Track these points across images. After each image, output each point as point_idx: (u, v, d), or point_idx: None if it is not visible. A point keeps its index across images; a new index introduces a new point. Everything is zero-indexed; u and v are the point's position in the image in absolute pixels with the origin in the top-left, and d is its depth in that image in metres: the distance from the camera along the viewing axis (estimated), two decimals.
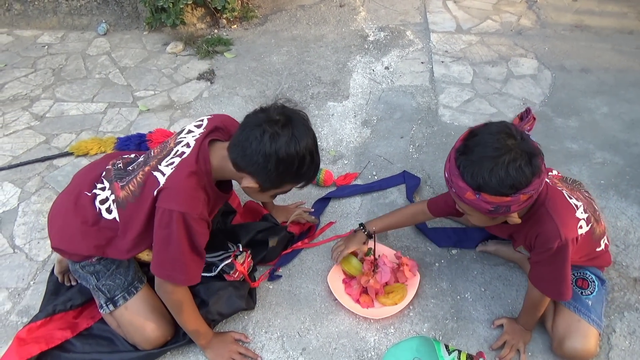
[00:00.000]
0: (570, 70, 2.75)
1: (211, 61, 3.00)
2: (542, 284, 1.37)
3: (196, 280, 1.36)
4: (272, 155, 1.21)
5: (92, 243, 1.42)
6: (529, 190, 1.11)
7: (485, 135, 1.15)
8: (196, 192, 1.29)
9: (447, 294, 1.67)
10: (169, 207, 1.26)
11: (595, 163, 2.14)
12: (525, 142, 1.13)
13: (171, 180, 1.30)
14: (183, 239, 1.27)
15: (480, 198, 1.13)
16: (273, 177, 1.26)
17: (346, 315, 1.62)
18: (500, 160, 1.09)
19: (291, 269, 1.78)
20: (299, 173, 1.28)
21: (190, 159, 1.32)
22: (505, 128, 1.15)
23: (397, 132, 2.37)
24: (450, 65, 2.83)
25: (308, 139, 1.25)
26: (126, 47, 3.16)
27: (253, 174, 1.27)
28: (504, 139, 1.11)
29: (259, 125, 1.21)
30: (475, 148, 1.13)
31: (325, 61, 2.93)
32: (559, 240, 1.24)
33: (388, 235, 1.88)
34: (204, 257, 1.37)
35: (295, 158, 1.22)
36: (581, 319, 1.41)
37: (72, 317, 1.62)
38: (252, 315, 1.63)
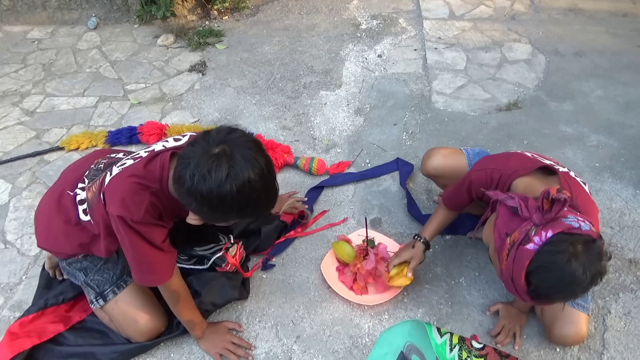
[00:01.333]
0: (565, 54, 2.73)
1: (202, 53, 2.97)
2: None
3: (168, 275, 1.32)
4: (205, 199, 1.07)
5: (75, 242, 1.41)
6: None
7: (558, 278, 1.04)
8: (136, 195, 1.21)
9: (441, 279, 1.66)
10: (111, 210, 1.22)
11: (590, 146, 2.13)
12: (589, 259, 1.03)
13: (112, 182, 1.26)
14: (135, 240, 1.22)
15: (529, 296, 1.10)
16: (212, 217, 1.19)
17: (340, 302, 1.61)
18: (571, 293, 1.07)
19: (284, 258, 1.76)
20: (242, 213, 1.15)
21: (139, 164, 1.26)
22: (568, 253, 1.03)
23: (390, 119, 2.36)
24: (444, 51, 2.81)
25: (251, 174, 1.07)
26: (117, 40, 3.13)
27: (193, 211, 1.19)
28: (577, 273, 1.02)
29: (193, 160, 1.07)
30: (550, 290, 1.06)
31: (318, 50, 2.91)
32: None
33: (382, 222, 1.86)
34: (170, 250, 1.32)
35: (232, 201, 1.08)
36: (565, 306, 1.38)
37: (65, 310, 1.61)
38: (246, 305, 1.62)
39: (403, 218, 1.87)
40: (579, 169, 2.00)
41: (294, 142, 2.26)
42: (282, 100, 2.53)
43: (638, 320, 1.50)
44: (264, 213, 1.22)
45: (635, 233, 1.75)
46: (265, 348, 1.50)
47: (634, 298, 1.56)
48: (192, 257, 1.67)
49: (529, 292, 1.08)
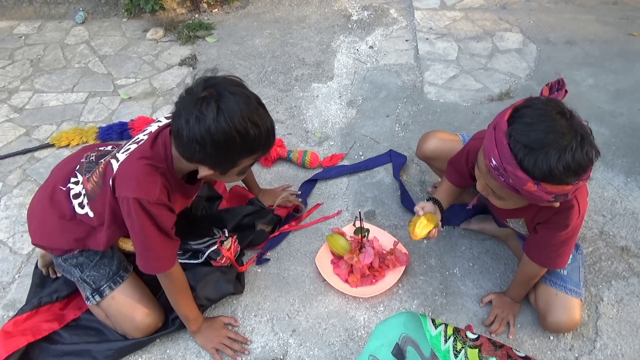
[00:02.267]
0: (555, 43, 2.73)
1: (193, 46, 2.94)
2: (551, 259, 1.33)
3: (172, 262, 1.33)
4: (205, 139, 1.09)
5: (71, 237, 1.40)
6: (587, 176, 1.03)
7: (536, 115, 1.01)
8: (149, 176, 1.23)
9: (435, 270, 1.67)
10: (124, 194, 1.22)
11: None
12: (575, 120, 1.01)
13: (122, 167, 1.26)
14: (146, 224, 1.23)
15: (541, 188, 1.02)
16: (220, 158, 1.17)
17: (335, 295, 1.62)
18: (567, 147, 0.97)
19: (279, 252, 1.76)
20: (247, 145, 1.15)
21: (145, 145, 1.28)
22: (555, 106, 1.02)
23: (383, 111, 2.35)
24: (435, 42, 2.80)
25: (241, 105, 1.10)
26: (105, 35, 3.10)
27: (201, 161, 1.19)
28: (559, 120, 0.99)
29: (184, 109, 1.10)
30: (532, 133, 0.99)
31: (309, 42, 2.89)
32: (578, 215, 1.22)
33: (376, 214, 1.87)
34: (175, 238, 1.34)
35: (232, 133, 1.09)
36: (558, 292, 1.40)
37: (59, 308, 1.60)
38: (241, 299, 1.62)
39: (397, 210, 1.87)
40: None
41: (287, 135, 2.25)
42: (274, 94, 2.52)
43: (630, 307, 1.52)
44: (269, 144, 1.21)
45: (627, 221, 1.77)
46: (261, 342, 1.50)
47: (626, 285, 1.58)
48: (187, 251, 1.66)
49: (515, 153, 1.01)
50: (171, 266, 1.33)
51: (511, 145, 1.02)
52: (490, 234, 1.75)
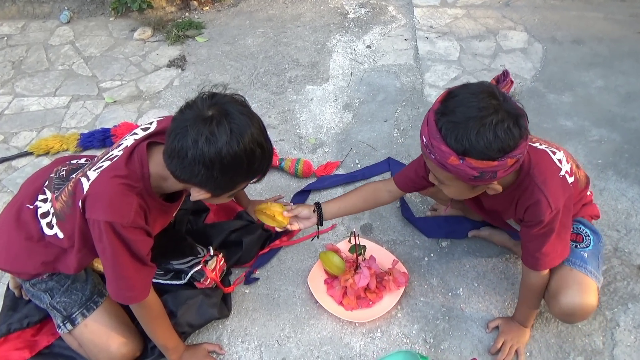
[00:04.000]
0: (562, 42, 2.59)
1: (182, 46, 2.81)
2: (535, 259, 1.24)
3: (146, 293, 1.22)
4: (215, 162, 1.02)
5: (39, 260, 1.28)
6: (516, 153, 1.02)
7: (466, 95, 1.04)
8: (123, 196, 1.13)
9: (437, 291, 1.55)
10: (95, 216, 1.11)
11: (592, 141, 2.01)
12: (508, 102, 1.03)
13: (93, 186, 1.15)
14: (119, 250, 1.13)
15: (465, 163, 1.02)
16: (223, 183, 1.10)
17: (329, 319, 1.50)
18: (487, 120, 0.98)
19: (269, 270, 1.64)
20: (252, 169, 1.11)
21: (119, 162, 1.17)
22: (487, 88, 1.04)
23: (381, 115, 2.22)
24: (436, 41, 2.67)
25: (252, 128, 1.05)
26: (91, 35, 2.96)
27: (200, 184, 1.10)
28: (487, 99, 1.01)
29: (191, 127, 1.02)
30: (457, 109, 1.02)
31: (303, 42, 2.76)
32: (550, 210, 1.15)
33: (373, 229, 1.74)
34: (151, 265, 1.23)
35: (242, 156, 1.04)
36: (574, 269, 1.27)
37: (31, 335, 1.48)
38: (227, 324, 1.50)
39: (396, 223, 1.75)
40: (580, 165, 1.87)
41: (279, 141, 2.12)
42: (266, 97, 2.39)
43: None
44: (268, 168, 1.17)
45: None
46: None
47: None
48: (169, 271, 1.55)
49: (440, 127, 1.03)
50: (146, 296, 1.22)
51: (436, 121, 1.05)
52: (500, 242, 1.63)
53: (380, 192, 1.49)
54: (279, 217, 1.42)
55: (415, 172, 1.40)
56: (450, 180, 1.14)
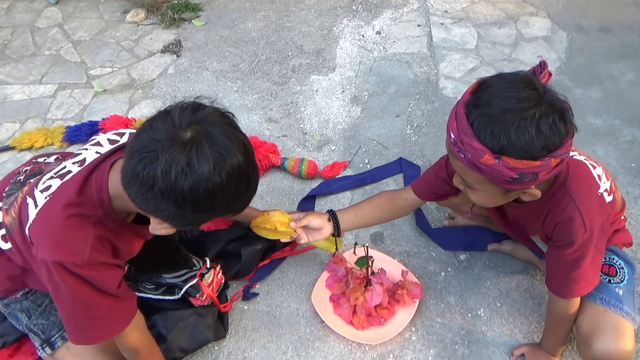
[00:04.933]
0: (589, 31, 2.40)
1: (177, 30, 2.62)
2: (563, 285, 1.09)
3: (125, 321, 1.05)
4: (188, 200, 0.82)
5: (3, 274, 1.14)
6: (561, 152, 0.89)
7: (502, 84, 0.90)
8: (75, 232, 0.94)
9: (455, 311, 1.40)
10: (42, 256, 0.94)
11: (624, 142, 1.84)
12: (550, 94, 0.89)
13: (40, 218, 0.97)
14: (78, 288, 0.95)
15: (502, 163, 0.88)
16: (194, 221, 0.90)
17: (336, 340, 1.36)
18: (529, 114, 0.85)
19: (270, 284, 1.50)
20: (232, 207, 0.91)
21: (70, 187, 0.98)
22: (525, 77, 0.91)
23: (392, 110, 2.05)
24: (451, 27, 2.47)
25: (238, 157, 0.84)
26: (81, 16, 2.77)
27: (165, 219, 0.90)
28: (527, 90, 0.88)
29: (163, 151, 0.80)
30: (493, 100, 0.88)
31: (308, 27, 2.57)
32: (584, 231, 1.01)
33: (384, 238, 1.59)
34: (128, 293, 1.06)
35: (223, 193, 0.84)
36: (608, 310, 1.13)
37: (8, 355, 1.35)
38: (224, 345, 1.37)
39: (409, 233, 1.60)
40: (612, 170, 1.72)
41: (281, 137, 1.96)
42: (268, 87, 2.21)
43: None
44: (250, 199, 0.95)
45: None
46: None
47: None
48: (161, 285, 1.40)
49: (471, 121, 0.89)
50: (124, 326, 1.05)
51: (468, 114, 0.90)
52: (524, 257, 1.48)
53: (397, 201, 1.34)
54: (281, 228, 1.25)
55: (436, 175, 1.24)
56: (481, 183, 0.99)
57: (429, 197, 1.30)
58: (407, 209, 1.35)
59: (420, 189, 1.28)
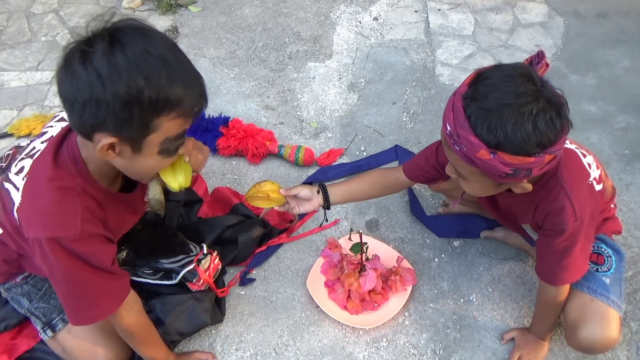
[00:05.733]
0: (586, 16, 2.39)
1: (174, 17, 2.61)
2: (553, 272, 1.12)
3: (120, 300, 1.06)
4: (109, 79, 0.78)
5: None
6: (555, 148, 0.90)
7: (500, 77, 0.90)
8: (69, 204, 0.94)
9: (448, 297, 1.43)
10: (34, 235, 0.94)
11: (618, 129, 1.85)
12: (547, 88, 0.90)
13: (25, 199, 0.98)
14: (72, 267, 0.95)
15: (497, 158, 0.89)
16: (122, 114, 0.81)
17: (331, 325, 1.39)
18: (526, 109, 0.85)
19: (266, 269, 1.52)
20: (158, 86, 0.81)
21: (43, 162, 0.98)
22: (524, 70, 0.90)
23: (389, 97, 2.06)
24: (448, 13, 2.46)
25: (161, 39, 0.84)
26: (77, 2, 2.75)
27: (100, 125, 0.83)
28: (526, 84, 0.87)
29: (78, 51, 0.79)
30: (491, 94, 0.88)
31: (305, 13, 2.55)
32: (574, 219, 1.02)
33: (379, 225, 1.61)
34: (121, 272, 1.07)
35: (131, 67, 0.79)
36: (595, 299, 1.16)
37: (10, 338, 1.38)
38: (221, 329, 1.40)
39: (404, 220, 1.62)
40: (605, 157, 1.73)
41: (279, 125, 1.97)
42: (265, 74, 2.21)
43: None
44: (195, 94, 0.88)
45: None
46: None
47: None
48: (158, 270, 1.42)
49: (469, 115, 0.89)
50: (113, 310, 1.06)
51: (465, 107, 0.90)
52: (517, 244, 1.51)
53: (388, 178, 1.35)
54: (273, 194, 1.24)
55: (426, 160, 1.26)
56: (474, 175, 1.00)
57: (418, 179, 1.31)
58: (397, 187, 1.37)
59: (411, 170, 1.30)
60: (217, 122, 1.84)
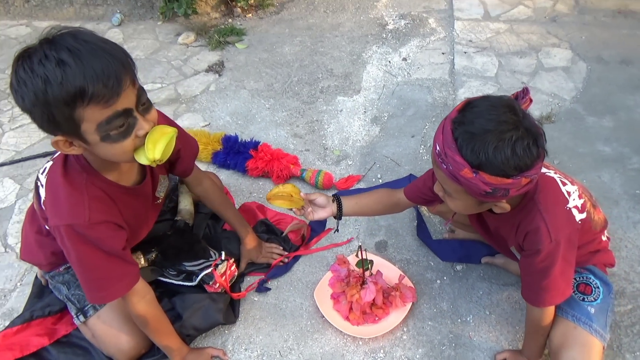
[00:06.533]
0: (609, 62, 2.46)
1: (222, 52, 2.89)
2: (534, 293, 1.18)
3: (128, 285, 1.20)
4: (19, 91, 0.91)
5: (48, 250, 1.36)
6: (531, 173, 0.99)
7: (486, 106, 1.00)
8: (77, 196, 1.09)
9: (446, 316, 1.51)
10: (54, 223, 1.12)
11: (631, 169, 1.89)
12: (527, 119, 1.00)
13: (47, 191, 1.16)
14: (85, 251, 1.11)
15: (478, 177, 0.99)
16: (51, 113, 0.92)
17: (333, 334, 1.49)
18: (506, 136, 0.95)
19: (280, 280, 1.66)
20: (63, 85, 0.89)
21: (57, 161, 1.14)
22: (507, 102, 1.01)
23: (409, 130, 2.19)
24: (474, 56, 2.60)
25: (68, 40, 0.92)
26: (139, 37, 3.10)
27: (45, 127, 0.96)
28: (508, 114, 0.98)
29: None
30: (476, 120, 0.98)
31: (340, 52, 2.77)
32: (549, 240, 1.10)
33: (388, 246, 1.72)
34: (132, 261, 1.21)
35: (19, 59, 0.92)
36: (578, 327, 1.21)
37: (51, 323, 1.56)
38: (234, 330, 1.53)
39: (411, 242, 1.72)
40: (615, 195, 1.78)
41: (304, 151, 2.14)
42: (297, 106, 2.41)
43: None
44: (100, 78, 0.91)
45: None
46: None
47: None
48: (181, 272, 1.59)
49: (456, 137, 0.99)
50: (128, 287, 1.20)
51: (453, 130, 1.01)
52: (515, 271, 1.57)
53: (392, 198, 1.48)
54: (296, 196, 1.37)
55: (424, 183, 1.37)
56: (458, 193, 1.10)
57: (416, 201, 1.43)
58: (399, 207, 1.49)
59: (411, 192, 1.42)
60: (248, 145, 2.03)
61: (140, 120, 1.01)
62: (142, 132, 1.02)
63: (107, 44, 0.97)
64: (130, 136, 1.01)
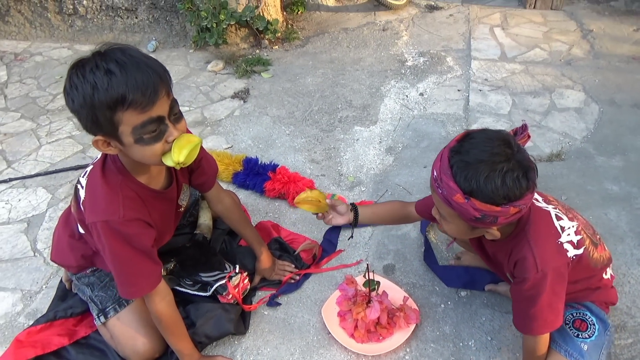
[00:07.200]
0: (621, 105, 2.53)
1: (248, 80, 3.05)
2: (523, 321, 1.23)
3: (149, 287, 1.29)
4: (71, 94, 1.05)
5: (79, 253, 1.46)
6: (520, 203, 1.06)
7: (482, 138, 1.08)
8: (113, 195, 1.21)
9: (449, 340, 1.55)
10: (91, 219, 1.23)
11: (638, 208, 1.93)
12: (521, 153, 1.08)
13: (87, 191, 1.27)
14: (118, 246, 1.22)
15: (469, 203, 1.06)
16: (95, 115, 1.05)
17: (338, 351, 1.55)
18: (498, 167, 1.03)
19: (290, 296, 1.73)
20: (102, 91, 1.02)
21: (97, 164, 1.26)
22: (503, 136, 1.09)
23: (421, 161, 2.28)
24: (488, 94, 2.70)
25: (117, 55, 1.06)
26: (171, 63, 3.29)
27: (89, 128, 1.10)
28: (502, 147, 1.05)
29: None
30: (472, 150, 1.06)
31: (359, 85, 2.90)
32: (535, 270, 1.15)
33: (395, 270, 1.78)
34: (157, 261, 1.31)
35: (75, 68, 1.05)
36: (557, 354, 1.25)
37: (72, 324, 1.65)
38: (243, 341, 1.60)
39: (418, 267, 1.78)
40: (621, 232, 1.82)
41: (320, 176, 2.24)
42: (315, 133, 2.53)
43: None
44: (138, 86, 1.04)
45: None
46: None
47: None
48: (197, 282, 1.67)
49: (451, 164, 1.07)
50: (150, 289, 1.30)
51: (450, 158, 1.09)
52: None
53: (404, 211, 1.60)
54: (323, 202, 1.49)
55: (431, 200, 1.44)
56: (452, 217, 1.17)
57: (424, 216, 1.53)
58: (410, 219, 1.63)
59: (421, 207, 1.52)
60: (267, 167, 2.15)
61: (171, 127, 1.13)
62: (171, 138, 1.13)
63: (149, 60, 1.12)
64: (160, 141, 1.12)
